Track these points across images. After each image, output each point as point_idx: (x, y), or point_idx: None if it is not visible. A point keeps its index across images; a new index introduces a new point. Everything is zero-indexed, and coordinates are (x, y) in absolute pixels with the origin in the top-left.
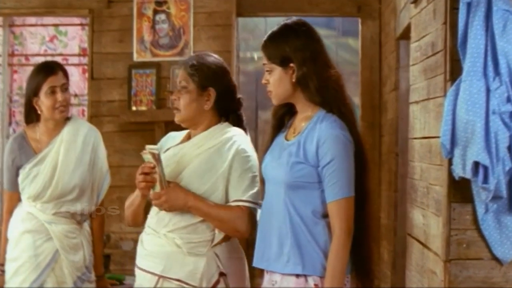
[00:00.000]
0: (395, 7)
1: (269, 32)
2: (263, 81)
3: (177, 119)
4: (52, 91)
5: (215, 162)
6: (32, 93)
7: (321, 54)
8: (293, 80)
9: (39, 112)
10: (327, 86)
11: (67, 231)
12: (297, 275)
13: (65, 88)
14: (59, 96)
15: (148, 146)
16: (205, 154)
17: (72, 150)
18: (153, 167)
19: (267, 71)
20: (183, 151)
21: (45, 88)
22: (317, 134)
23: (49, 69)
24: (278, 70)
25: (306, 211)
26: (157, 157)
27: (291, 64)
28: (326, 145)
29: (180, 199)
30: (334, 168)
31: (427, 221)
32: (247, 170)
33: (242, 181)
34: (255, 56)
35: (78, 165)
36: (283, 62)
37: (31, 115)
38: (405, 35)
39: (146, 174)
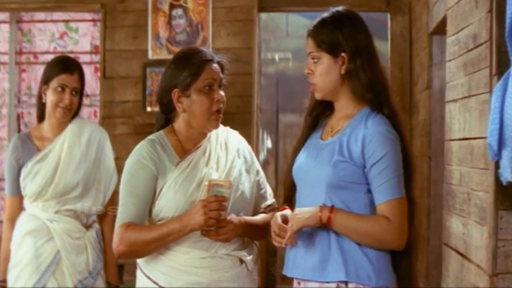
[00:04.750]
0: (428, 0)
1: (319, 18)
2: (306, 71)
3: None
4: (62, 89)
5: None
6: (44, 80)
7: (373, 48)
8: (342, 72)
9: (43, 101)
10: (377, 82)
11: (69, 230)
12: (338, 284)
13: (75, 92)
14: (66, 97)
15: (221, 180)
16: None
17: (76, 146)
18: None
19: (312, 60)
20: None
21: (55, 82)
22: (362, 132)
23: (66, 66)
24: (327, 59)
25: None
26: (231, 188)
27: (343, 54)
28: (374, 143)
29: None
30: (384, 167)
31: (468, 230)
32: None
33: None
34: (276, 57)
35: (83, 162)
36: (334, 51)
37: (40, 103)
38: (440, 29)
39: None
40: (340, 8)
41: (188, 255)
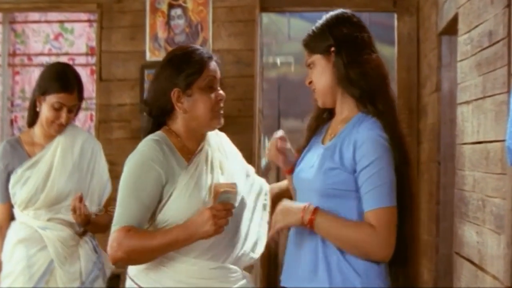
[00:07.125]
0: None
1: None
2: (306, 82)
3: None
4: (59, 107)
5: None
6: (41, 91)
7: (364, 40)
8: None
9: (37, 109)
10: (366, 74)
11: (63, 238)
12: None
13: (73, 109)
14: (63, 115)
15: (227, 184)
16: None
17: (69, 154)
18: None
19: (309, 68)
20: None
21: (53, 99)
22: (354, 136)
23: (66, 85)
24: (318, 59)
25: None
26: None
27: (332, 49)
28: (364, 148)
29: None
30: (373, 173)
31: (483, 239)
32: None
33: None
34: (278, 61)
35: (76, 171)
36: (323, 48)
37: (33, 111)
38: (450, 29)
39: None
40: (332, 12)
41: (196, 266)
